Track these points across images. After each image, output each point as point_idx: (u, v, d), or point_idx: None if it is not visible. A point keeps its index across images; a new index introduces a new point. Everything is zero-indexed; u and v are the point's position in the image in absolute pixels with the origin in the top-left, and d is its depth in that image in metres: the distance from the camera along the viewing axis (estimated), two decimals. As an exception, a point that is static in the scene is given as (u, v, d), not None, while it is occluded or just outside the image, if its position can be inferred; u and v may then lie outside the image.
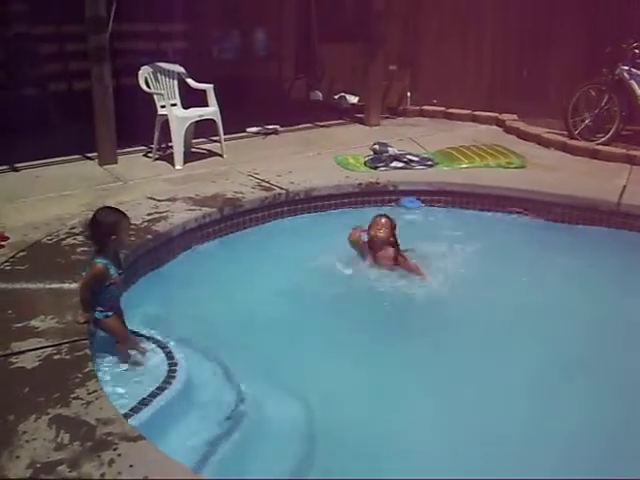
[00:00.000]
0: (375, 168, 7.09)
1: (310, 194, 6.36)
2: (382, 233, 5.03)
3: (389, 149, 7.49)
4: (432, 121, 10.00)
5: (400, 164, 7.17)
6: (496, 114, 9.67)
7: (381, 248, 5.05)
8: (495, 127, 9.53)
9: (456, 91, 10.11)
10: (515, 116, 9.47)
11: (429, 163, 7.25)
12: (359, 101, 10.41)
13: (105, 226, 3.58)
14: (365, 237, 5.14)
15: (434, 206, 6.57)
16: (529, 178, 6.76)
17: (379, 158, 7.28)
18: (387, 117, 10.08)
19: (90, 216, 3.67)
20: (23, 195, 6.23)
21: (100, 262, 3.57)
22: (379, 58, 9.51)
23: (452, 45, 10.14)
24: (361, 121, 9.73)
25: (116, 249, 3.71)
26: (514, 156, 7.57)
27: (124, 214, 3.72)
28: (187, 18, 10.05)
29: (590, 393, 3.69)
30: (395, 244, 5.07)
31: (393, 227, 5.09)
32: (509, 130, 9.16)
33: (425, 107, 10.40)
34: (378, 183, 6.65)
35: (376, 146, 7.58)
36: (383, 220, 5.09)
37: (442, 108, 10.27)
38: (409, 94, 10.44)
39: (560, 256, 5.42)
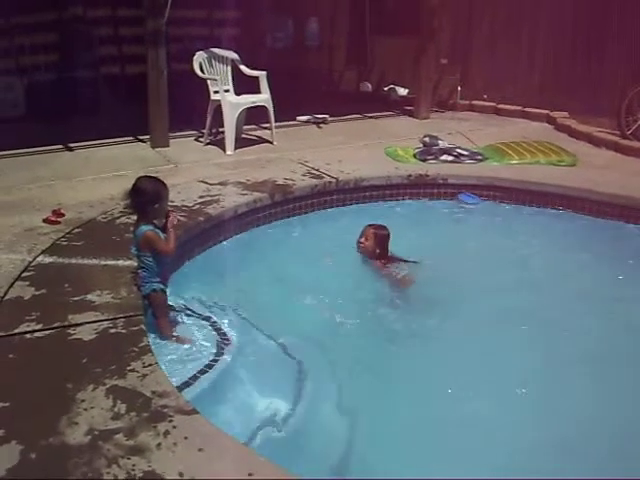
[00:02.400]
0: (424, 161, 7.06)
1: (360, 184, 6.37)
2: (364, 244, 5.03)
3: (439, 142, 7.45)
4: (482, 116, 9.90)
5: (450, 158, 7.13)
6: (547, 111, 9.52)
7: (364, 254, 5.05)
8: (546, 124, 9.39)
9: (507, 87, 10.00)
10: (566, 114, 9.32)
11: (479, 158, 7.20)
12: (409, 94, 10.36)
13: (148, 195, 3.64)
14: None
15: (484, 201, 6.51)
16: (580, 177, 6.67)
17: (429, 151, 7.25)
18: (436, 111, 10.01)
19: (130, 190, 3.70)
20: (78, 174, 6.36)
21: (147, 229, 3.63)
22: (430, 51, 9.45)
23: (504, 40, 10.04)
24: (410, 114, 9.68)
25: (155, 217, 3.73)
26: (565, 154, 7.47)
27: (164, 184, 3.77)
28: (241, 6, 10.10)
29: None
30: (382, 256, 5.00)
31: (381, 238, 5.01)
32: (560, 128, 9.03)
33: (475, 102, 10.29)
34: (428, 176, 6.63)
35: (426, 139, 7.54)
36: (369, 231, 5.05)
37: (492, 103, 10.14)
38: (459, 88, 10.35)
39: (610, 257, 5.35)
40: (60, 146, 7.36)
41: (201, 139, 7.76)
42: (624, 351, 4.06)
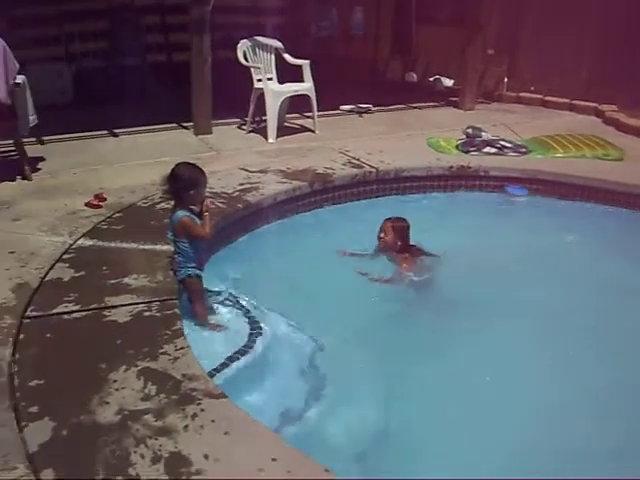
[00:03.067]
0: (467, 152, 6.99)
1: (400, 174, 6.34)
2: (384, 239, 4.92)
3: (482, 134, 7.36)
4: (528, 108, 9.76)
5: (493, 150, 7.05)
6: (595, 104, 9.34)
7: (390, 253, 4.94)
8: (593, 117, 9.21)
9: (555, 79, 9.83)
10: (615, 107, 9.13)
11: (523, 150, 7.10)
12: (454, 84, 10.27)
13: (184, 181, 3.67)
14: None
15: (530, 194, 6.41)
16: (626, 171, 6.53)
17: (471, 142, 7.17)
18: (482, 102, 9.89)
19: (168, 175, 3.73)
20: (121, 160, 6.47)
21: (183, 215, 3.67)
22: (477, 42, 9.34)
23: (553, 32, 9.84)
24: (455, 105, 9.60)
25: (192, 204, 3.75)
26: (611, 148, 7.31)
27: (202, 171, 3.78)
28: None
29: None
30: (403, 248, 4.90)
31: (400, 230, 4.91)
32: (608, 121, 8.84)
33: (522, 94, 10.14)
34: (469, 167, 6.56)
35: (469, 130, 7.47)
36: (387, 225, 4.94)
37: (539, 95, 9.99)
38: (506, 80, 10.22)
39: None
40: (105, 132, 7.50)
41: (244, 127, 7.81)
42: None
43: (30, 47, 8.77)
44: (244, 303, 4.13)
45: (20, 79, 5.59)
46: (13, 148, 5.88)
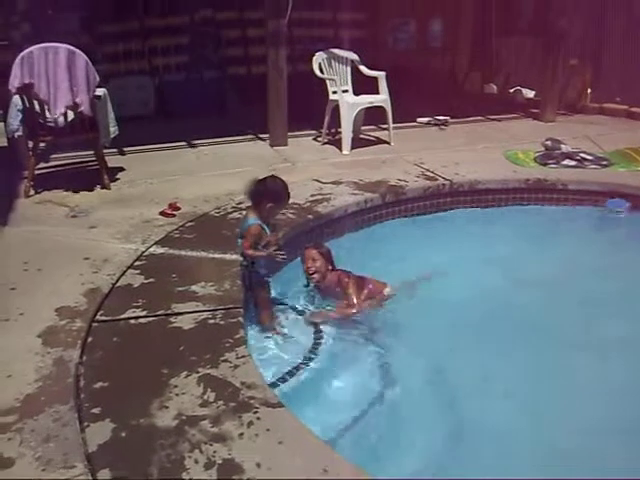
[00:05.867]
0: (545, 165, 6.83)
1: (474, 187, 6.23)
2: (316, 267, 4.36)
3: (562, 146, 7.18)
4: (612, 120, 9.43)
5: (572, 162, 6.86)
6: (685, 116, 8.99)
7: (321, 281, 4.40)
8: (682, 130, 8.86)
9: (641, 89, 9.49)
10: None
11: (604, 163, 6.88)
12: (535, 96, 10.05)
13: (268, 192, 3.71)
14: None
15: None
16: None
17: (550, 155, 7.01)
18: (564, 114, 9.63)
19: (258, 179, 3.80)
20: (197, 170, 6.61)
21: (254, 223, 3.69)
22: (558, 52, 9.09)
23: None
24: (536, 116, 9.38)
25: (266, 215, 3.75)
26: (700, 161, 7.01)
27: (288, 192, 3.81)
28: (364, 7, 10.13)
29: None
30: (334, 270, 4.43)
31: (327, 254, 4.44)
32: (698, 134, 8.49)
33: (606, 105, 9.81)
34: (547, 180, 6.39)
35: (548, 142, 7.29)
36: (311, 252, 4.41)
37: (625, 107, 9.66)
38: (589, 90, 9.92)
39: None
40: (184, 143, 7.67)
41: (319, 138, 7.86)
42: None
43: (115, 61, 9.12)
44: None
45: (100, 92, 5.80)
46: (94, 158, 6.08)
